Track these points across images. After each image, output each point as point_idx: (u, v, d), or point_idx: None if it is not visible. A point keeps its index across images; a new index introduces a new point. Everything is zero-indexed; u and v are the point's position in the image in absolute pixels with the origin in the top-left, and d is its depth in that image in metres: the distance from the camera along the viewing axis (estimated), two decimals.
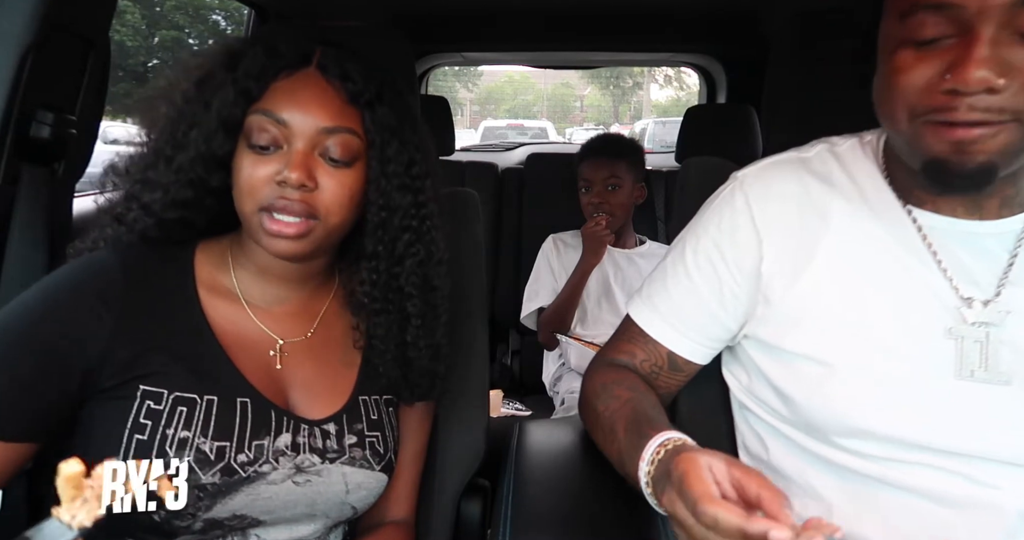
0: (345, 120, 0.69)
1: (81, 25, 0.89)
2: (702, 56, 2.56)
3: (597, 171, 1.74)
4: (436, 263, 0.78)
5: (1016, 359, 0.63)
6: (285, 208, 0.67)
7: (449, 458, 0.92)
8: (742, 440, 0.81)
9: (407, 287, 0.76)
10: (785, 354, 0.70)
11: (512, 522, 0.74)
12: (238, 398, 0.69)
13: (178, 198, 0.70)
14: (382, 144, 0.72)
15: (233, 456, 0.66)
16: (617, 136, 1.91)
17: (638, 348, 0.81)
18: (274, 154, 0.68)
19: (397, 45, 1.04)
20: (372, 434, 0.76)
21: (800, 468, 0.72)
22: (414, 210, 0.75)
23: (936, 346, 0.65)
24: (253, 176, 0.67)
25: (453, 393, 0.93)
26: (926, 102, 0.58)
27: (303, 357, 0.76)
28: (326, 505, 0.72)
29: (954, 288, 0.65)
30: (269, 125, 0.67)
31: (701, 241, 0.76)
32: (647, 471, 0.63)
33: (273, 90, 0.69)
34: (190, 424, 0.65)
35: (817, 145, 0.77)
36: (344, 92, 0.70)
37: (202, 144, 0.68)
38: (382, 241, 0.74)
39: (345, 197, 0.70)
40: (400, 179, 0.73)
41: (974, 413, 0.63)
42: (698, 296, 0.76)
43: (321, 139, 0.68)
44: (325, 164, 0.69)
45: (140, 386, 0.65)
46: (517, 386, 2.02)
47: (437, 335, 0.79)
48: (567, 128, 22.88)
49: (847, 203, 0.71)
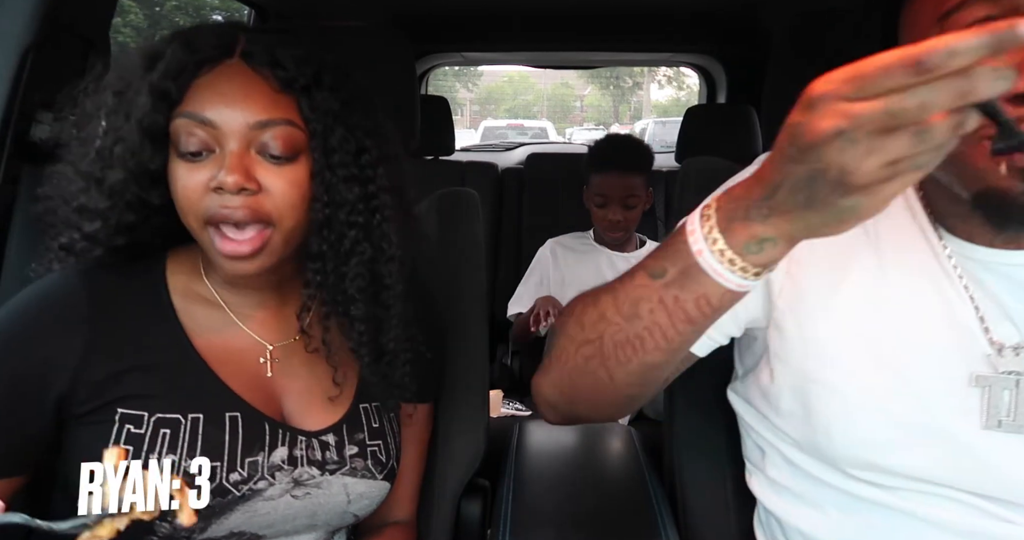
0: (279, 111, 0.62)
1: (81, 25, 0.89)
2: (702, 56, 2.56)
3: (614, 187, 1.65)
4: (387, 260, 0.70)
5: None
6: (228, 217, 0.60)
7: (449, 458, 0.92)
8: (746, 449, 0.80)
9: (350, 289, 0.68)
10: (801, 379, 0.64)
11: (512, 522, 0.74)
12: (226, 413, 0.65)
13: (121, 224, 0.64)
14: (324, 132, 0.64)
15: (225, 476, 0.63)
16: (631, 144, 1.75)
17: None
18: (207, 159, 0.61)
19: (397, 45, 1.04)
20: (374, 443, 0.73)
21: (805, 486, 0.69)
22: (362, 204, 0.67)
23: (962, 394, 0.59)
24: (188, 187, 0.61)
25: (453, 393, 0.93)
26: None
27: (296, 363, 0.72)
28: (327, 516, 0.70)
29: (984, 328, 0.59)
30: (195, 128, 0.60)
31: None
32: (709, 227, 0.46)
33: (194, 89, 0.61)
34: (175, 446, 0.62)
35: None
36: (274, 80, 0.63)
37: (130, 160, 0.62)
38: (327, 240, 0.66)
39: (296, 196, 0.63)
40: (347, 169, 0.66)
41: (999, 461, 0.59)
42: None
43: (255, 135, 0.61)
44: (265, 162, 0.62)
45: (118, 409, 0.62)
46: (517, 386, 2.02)
47: (387, 338, 0.72)
48: (567, 128, 22.88)
49: (877, 221, 0.58)
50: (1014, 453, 0.58)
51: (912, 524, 0.63)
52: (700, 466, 0.84)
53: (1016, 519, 0.60)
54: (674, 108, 25.51)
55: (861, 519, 0.65)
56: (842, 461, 0.64)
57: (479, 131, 12.41)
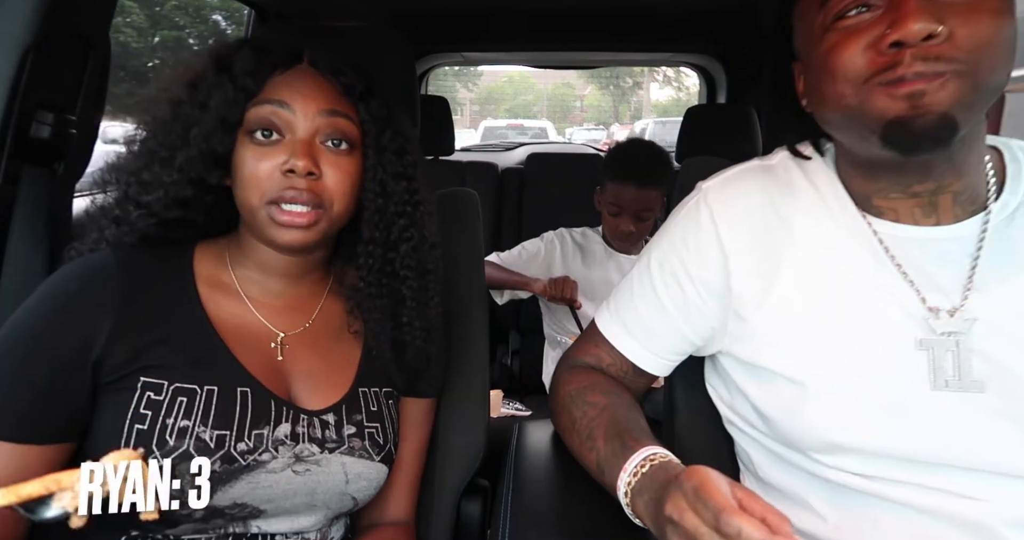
0: (342, 106, 0.73)
1: (81, 25, 0.89)
2: (702, 56, 2.56)
3: (629, 200, 1.63)
4: (430, 247, 0.80)
5: (987, 366, 0.63)
6: (295, 199, 0.68)
7: (449, 458, 0.92)
8: (735, 450, 0.81)
9: (402, 270, 0.78)
10: (762, 372, 0.70)
11: (512, 522, 0.74)
12: (238, 388, 0.70)
13: (179, 197, 0.71)
14: (377, 133, 0.75)
15: (233, 444, 0.67)
16: (652, 154, 1.68)
17: (604, 353, 0.82)
18: (276, 145, 0.70)
19: (397, 45, 1.04)
20: (371, 425, 0.77)
21: (788, 481, 0.71)
22: (407, 196, 0.78)
23: (909, 358, 0.64)
24: (258, 168, 0.69)
25: (453, 393, 0.94)
26: (870, 66, 0.59)
27: (304, 349, 0.77)
28: (326, 495, 0.73)
29: (921, 298, 0.65)
30: (273, 112, 0.70)
31: (667, 256, 0.76)
32: (627, 481, 0.64)
33: (271, 84, 0.71)
34: (190, 413, 0.66)
35: (780, 152, 0.77)
36: (338, 85, 0.74)
37: (203, 142, 0.69)
38: (378, 227, 0.77)
39: (347, 184, 0.72)
40: (394, 167, 0.77)
41: (951, 422, 0.63)
42: (664, 312, 0.76)
43: (322, 123, 0.71)
44: (326, 152, 0.71)
45: (141, 378, 0.67)
46: (517, 386, 2.02)
47: (431, 316, 0.81)
48: (567, 128, 22.89)
49: (809, 213, 0.70)
50: (964, 412, 0.63)
51: (891, 510, 0.65)
52: None
53: (983, 495, 0.62)
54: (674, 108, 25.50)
55: (845, 509, 0.67)
56: (810, 447, 0.67)
57: (479, 131, 12.42)
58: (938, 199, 0.65)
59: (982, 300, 0.64)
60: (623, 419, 0.72)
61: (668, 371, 0.81)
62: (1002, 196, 0.66)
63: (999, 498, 0.62)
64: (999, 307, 0.63)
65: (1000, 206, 0.66)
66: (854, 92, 0.60)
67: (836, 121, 0.65)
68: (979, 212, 0.66)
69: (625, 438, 0.69)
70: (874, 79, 0.59)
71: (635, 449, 0.66)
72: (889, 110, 0.58)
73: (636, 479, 0.64)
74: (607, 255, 1.77)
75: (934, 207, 0.66)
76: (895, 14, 0.57)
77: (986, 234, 0.65)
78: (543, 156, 2.52)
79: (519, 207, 2.33)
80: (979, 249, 0.65)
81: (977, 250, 0.65)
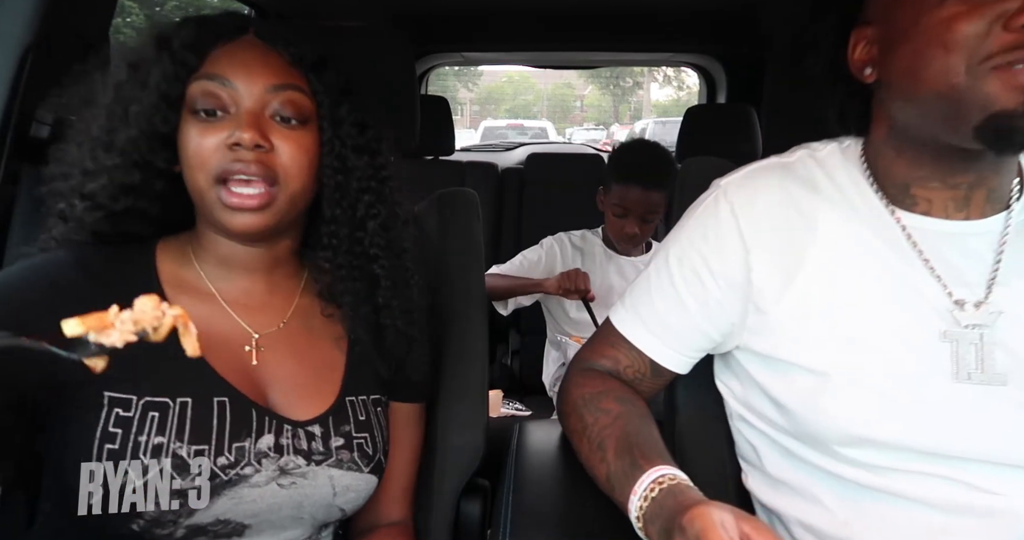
0: (292, 79, 0.68)
1: (81, 25, 0.89)
2: (702, 56, 2.56)
3: (635, 202, 1.62)
4: (403, 224, 0.76)
5: (1010, 360, 0.63)
6: (242, 172, 0.64)
7: (449, 458, 0.92)
8: (738, 448, 0.81)
9: (372, 249, 0.74)
10: (780, 364, 0.70)
11: (512, 522, 0.74)
12: (215, 398, 0.66)
13: (125, 183, 0.66)
14: (332, 105, 0.70)
15: (213, 459, 0.64)
16: (657, 156, 1.67)
17: (621, 354, 0.80)
18: (222, 119, 0.65)
19: (397, 45, 1.04)
20: (360, 435, 0.74)
21: (798, 476, 0.71)
22: (372, 171, 0.73)
23: (932, 350, 0.64)
24: (202, 145, 0.64)
25: (453, 393, 0.93)
26: (994, 43, 0.56)
27: (281, 352, 0.73)
28: (313, 507, 0.70)
29: (946, 291, 0.65)
30: (214, 88, 0.65)
31: (686, 251, 0.75)
32: (639, 505, 0.64)
33: (213, 57, 0.67)
34: (164, 429, 0.63)
35: (798, 150, 0.77)
36: (287, 55, 0.69)
37: (144, 121, 0.65)
38: (340, 205, 0.72)
39: (303, 159, 0.67)
40: (354, 140, 0.72)
41: (972, 415, 0.63)
42: (684, 307, 0.75)
43: (269, 98, 0.66)
44: (277, 125, 0.67)
45: (105, 393, 0.62)
46: (517, 386, 2.02)
47: (411, 296, 0.77)
48: (567, 128, 22.90)
49: (833, 208, 0.70)
50: (986, 405, 0.63)
51: (903, 505, 0.65)
52: (701, 466, 0.84)
53: (1004, 490, 0.62)
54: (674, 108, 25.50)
55: (855, 505, 0.67)
56: (830, 439, 0.67)
57: (479, 131, 12.43)
58: (973, 193, 0.66)
59: (1006, 294, 0.64)
60: (635, 432, 0.72)
61: (687, 369, 0.80)
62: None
63: (1019, 491, 0.62)
64: (1023, 301, 0.64)
65: (1022, 205, 0.67)
66: (967, 69, 0.57)
67: (924, 99, 0.62)
68: (1003, 210, 0.67)
69: (635, 454, 0.68)
70: (994, 59, 0.56)
71: (644, 469, 0.65)
72: (998, 100, 0.56)
73: (647, 504, 0.63)
74: (607, 257, 1.76)
75: (967, 201, 0.66)
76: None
77: (1009, 230, 0.66)
78: (543, 156, 2.52)
79: (519, 207, 2.33)
80: (1002, 245, 0.66)
81: (1001, 246, 0.66)
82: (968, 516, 0.63)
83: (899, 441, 0.64)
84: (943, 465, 0.63)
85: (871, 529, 0.66)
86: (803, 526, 0.70)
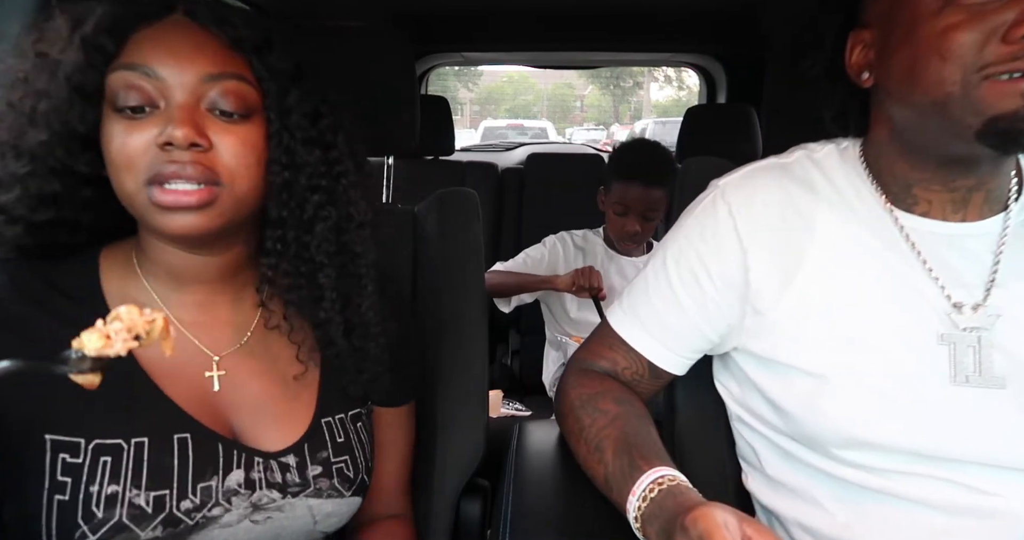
0: (230, 66, 0.58)
1: None
2: (702, 56, 2.56)
3: (636, 200, 1.63)
4: (356, 227, 0.67)
5: (1009, 362, 0.63)
6: (176, 174, 0.54)
7: (449, 458, 0.92)
8: (738, 448, 0.81)
9: (318, 256, 0.65)
10: (778, 366, 0.70)
11: (512, 522, 0.74)
12: (174, 435, 0.59)
13: (44, 193, 0.57)
14: (279, 92, 0.61)
15: (175, 504, 0.58)
16: (658, 154, 1.68)
17: (619, 356, 0.80)
18: (150, 116, 0.56)
19: (397, 45, 1.04)
20: (339, 459, 0.68)
21: (798, 478, 0.71)
22: (324, 167, 0.64)
23: (930, 352, 0.64)
24: (127, 145, 0.55)
25: (453, 393, 0.93)
26: (991, 54, 0.56)
27: (245, 374, 0.66)
28: (292, 536, 0.66)
29: (945, 294, 0.65)
30: (137, 80, 0.55)
31: (684, 252, 0.75)
32: (637, 506, 0.64)
33: (135, 41, 0.57)
34: (117, 476, 0.56)
35: (796, 151, 0.77)
36: (224, 37, 0.59)
37: (55, 121, 0.56)
38: (287, 205, 0.63)
39: (251, 157, 0.58)
40: (305, 132, 0.62)
41: (970, 418, 0.63)
42: (681, 308, 0.75)
43: (205, 89, 0.57)
44: (216, 119, 0.57)
45: (47, 436, 0.55)
46: (517, 386, 2.02)
47: (363, 309, 0.68)
48: (567, 128, 22.89)
49: (831, 209, 0.70)
50: (984, 408, 0.63)
51: (903, 507, 0.65)
52: (700, 466, 0.84)
53: (1002, 491, 0.62)
54: (674, 108, 25.49)
55: (855, 507, 0.67)
56: (828, 442, 0.67)
57: (479, 131, 12.42)
58: (972, 195, 0.66)
59: (1005, 296, 0.64)
60: (633, 432, 0.72)
61: (685, 370, 0.80)
62: (1022, 197, 0.68)
63: (1018, 493, 0.62)
64: (1021, 304, 0.64)
65: (1020, 206, 0.67)
66: (962, 79, 0.57)
67: (921, 105, 0.62)
68: (1001, 211, 0.67)
69: (634, 455, 0.68)
70: (988, 69, 0.56)
71: (644, 470, 0.65)
72: (996, 105, 0.56)
73: (645, 504, 0.63)
74: (608, 257, 1.77)
75: (965, 203, 0.67)
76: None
77: (1008, 232, 0.66)
78: (543, 156, 2.51)
79: (519, 207, 2.33)
80: (1001, 246, 0.66)
81: (999, 247, 0.66)
82: (968, 517, 0.63)
83: (898, 443, 0.64)
84: (942, 467, 0.63)
85: (871, 531, 0.66)
86: (803, 528, 0.70)
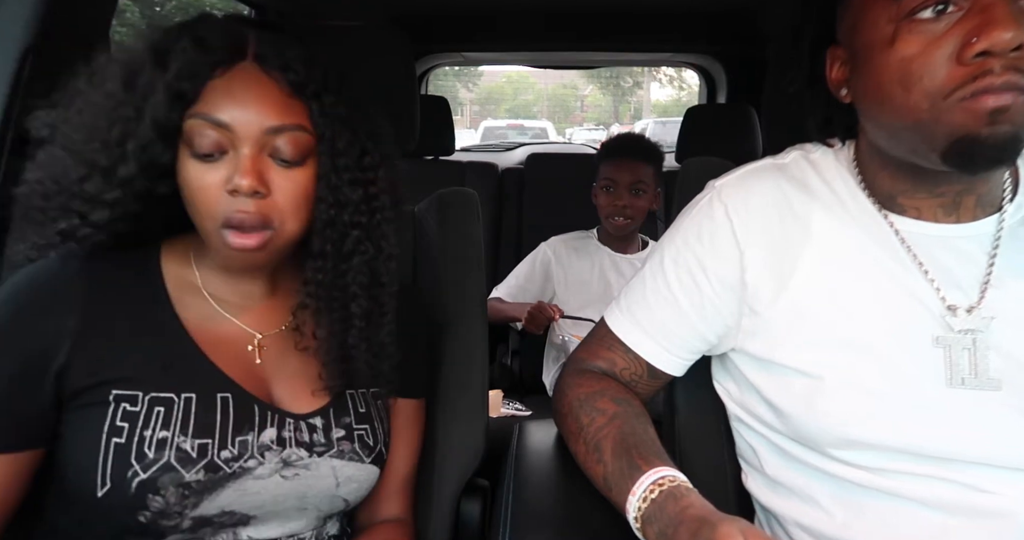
0: (292, 116, 0.65)
1: (81, 25, 0.89)
2: (702, 56, 2.56)
3: (622, 173, 1.70)
4: (386, 259, 0.74)
5: (1004, 364, 0.63)
6: (243, 222, 0.64)
7: (449, 458, 0.92)
8: (738, 448, 0.81)
9: (352, 286, 0.72)
10: (776, 367, 0.70)
11: (512, 522, 0.74)
12: (218, 394, 0.68)
13: (128, 212, 0.67)
14: (332, 137, 0.68)
15: (216, 453, 0.65)
16: (641, 137, 1.82)
17: (618, 356, 0.80)
18: (220, 160, 0.64)
19: (397, 45, 1.04)
20: (361, 427, 0.76)
21: (797, 478, 0.71)
22: (364, 205, 0.72)
23: (925, 355, 0.64)
24: (203, 187, 0.64)
25: (453, 393, 0.94)
26: (953, 80, 0.56)
27: (284, 351, 0.74)
28: (316, 498, 0.72)
29: (940, 296, 0.65)
30: (210, 130, 0.63)
31: (681, 253, 0.75)
32: (638, 506, 0.64)
33: (209, 90, 0.64)
34: (168, 424, 0.64)
35: (792, 152, 0.77)
36: (286, 84, 0.66)
37: (142, 156, 0.64)
38: (330, 240, 0.70)
39: (301, 198, 0.67)
40: (351, 173, 0.70)
41: (967, 420, 0.63)
42: (679, 309, 0.75)
43: (269, 140, 0.64)
44: (276, 165, 0.65)
45: (112, 391, 0.64)
46: (517, 386, 2.02)
47: (382, 333, 0.76)
48: (567, 128, 22.88)
49: (827, 210, 0.70)
50: (980, 410, 0.63)
51: (901, 506, 0.65)
52: (700, 466, 0.84)
53: (1002, 490, 0.62)
54: (674, 108, 25.49)
55: (854, 506, 0.67)
56: (825, 442, 0.67)
57: (479, 131, 12.42)
58: (963, 199, 0.66)
59: (1000, 297, 0.64)
60: (631, 432, 0.72)
61: (683, 371, 0.80)
62: (1017, 197, 0.67)
63: (1017, 492, 0.62)
64: (1017, 305, 0.64)
65: (1015, 207, 0.67)
66: (930, 107, 0.57)
67: (893, 127, 0.62)
68: (995, 212, 0.67)
69: (633, 455, 0.68)
70: (955, 94, 0.56)
71: (643, 470, 0.66)
72: (963, 127, 0.56)
73: (646, 505, 0.63)
74: (601, 254, 1.79)
75: (956, 206, 0.66)
76: (982, 20, 0.54)
77: (1002, 233, 0.66)
78: (543, 156, 2.52)
79: (519, 207, 2.33)
80: (996, 247, 0.66)
81: (994, 248, 0.66)
82: (967, 516, 0.63)
83: (894, 444, 0.64)
84: (940, 466, 0.63)
85: (870, 530, 0.66)
86: (802, 527, 0.70)
